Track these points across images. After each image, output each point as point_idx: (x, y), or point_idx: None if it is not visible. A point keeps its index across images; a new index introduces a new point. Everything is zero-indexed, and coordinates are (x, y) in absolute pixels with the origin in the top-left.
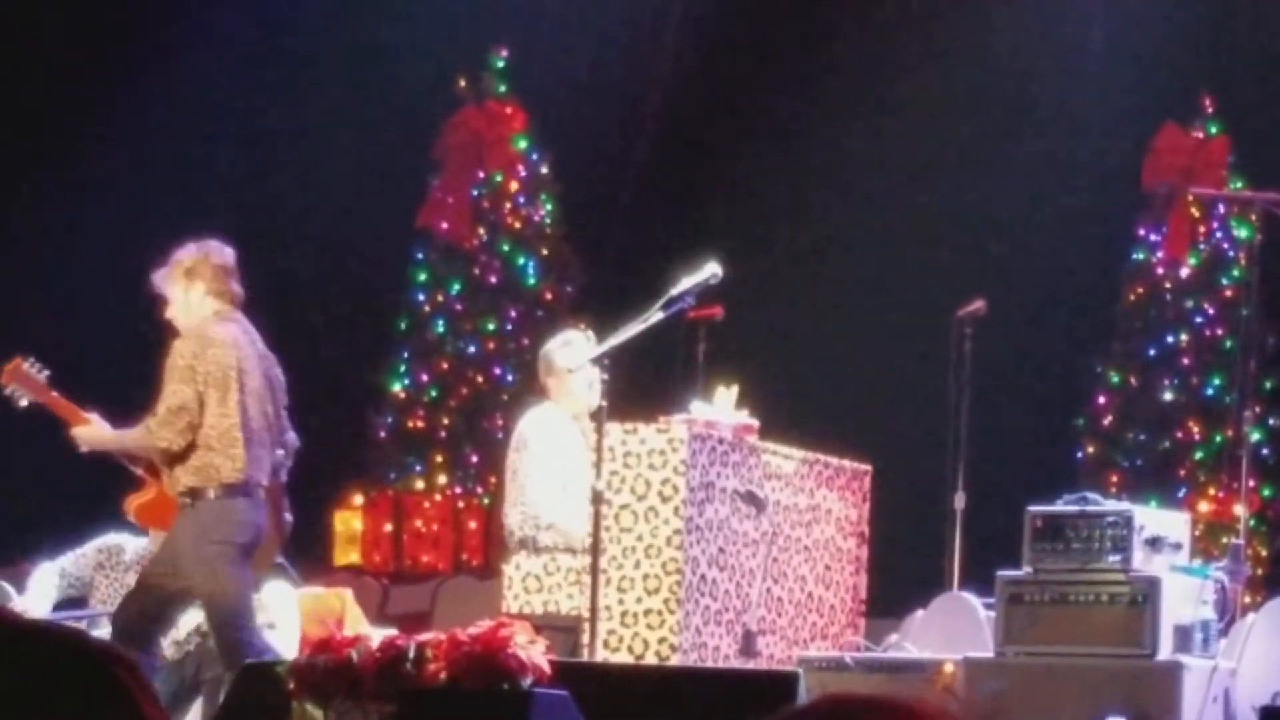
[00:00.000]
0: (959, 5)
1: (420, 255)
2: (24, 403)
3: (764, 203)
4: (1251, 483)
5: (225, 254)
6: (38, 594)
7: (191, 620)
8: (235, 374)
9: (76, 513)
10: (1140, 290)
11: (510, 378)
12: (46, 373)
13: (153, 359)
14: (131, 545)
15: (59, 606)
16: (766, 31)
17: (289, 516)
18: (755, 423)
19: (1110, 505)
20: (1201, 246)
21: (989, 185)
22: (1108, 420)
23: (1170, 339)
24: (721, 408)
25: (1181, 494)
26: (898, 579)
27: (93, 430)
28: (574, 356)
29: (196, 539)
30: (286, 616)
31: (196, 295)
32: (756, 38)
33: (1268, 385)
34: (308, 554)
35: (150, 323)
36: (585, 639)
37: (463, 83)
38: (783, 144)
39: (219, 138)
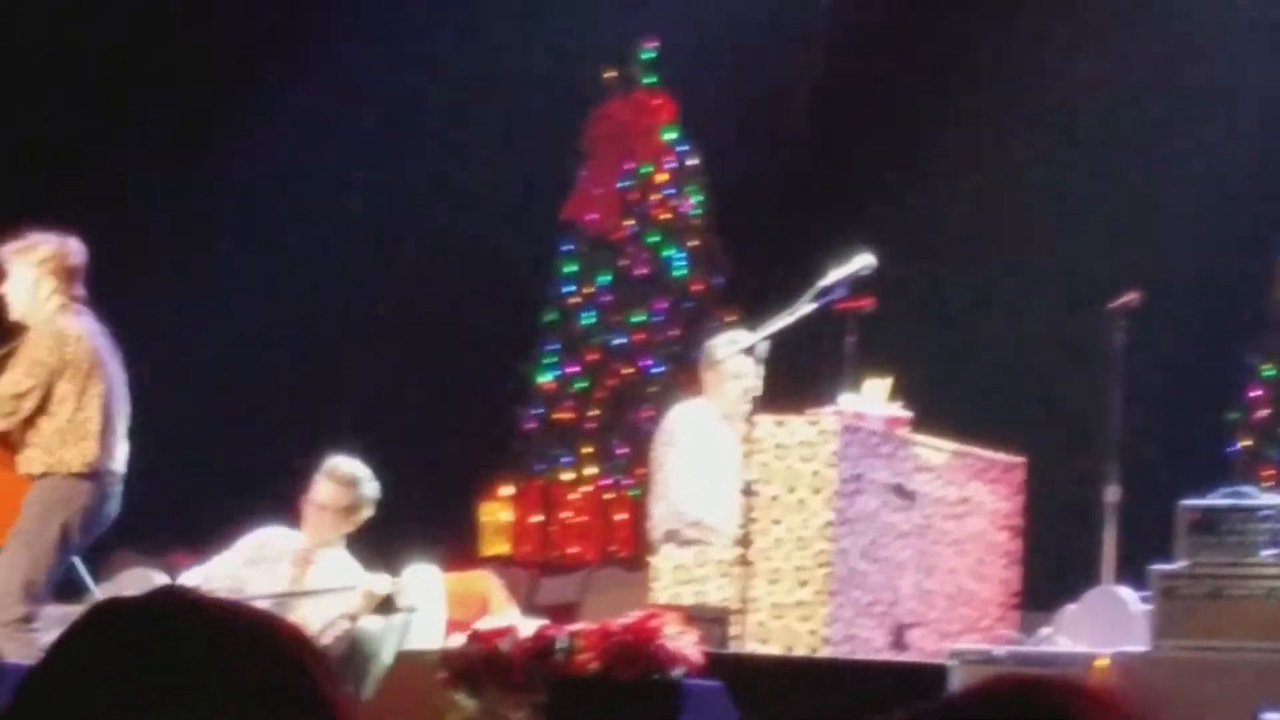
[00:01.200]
0: None
1: (568, 247)
2: None
3: (916, 193)
4: None
5: (82, 256)
6: None
7: (335, 607)
8: (94, 366)
9: (229, 509)
10: None
11: (658, 369)
12: None
13: None
14: (282, 536)
15: None
16: (919, 16)
17: None
18: (907, 415)
19: (1266, 499)
20: None
21: (1143, 175)
22: (1262, 414)
23: None
24: (872, 400)
25: None
26: (1050, 572)
27: None
28: (734, 354)
29: (44, 508)
30: (431, 600)
31: (45, 289)
32: (908, 23)
33: None
34: (456, 545)
35: None
36: (735, 630)
37: (610, 74)
38: (935, 133)
39: (361, 133)
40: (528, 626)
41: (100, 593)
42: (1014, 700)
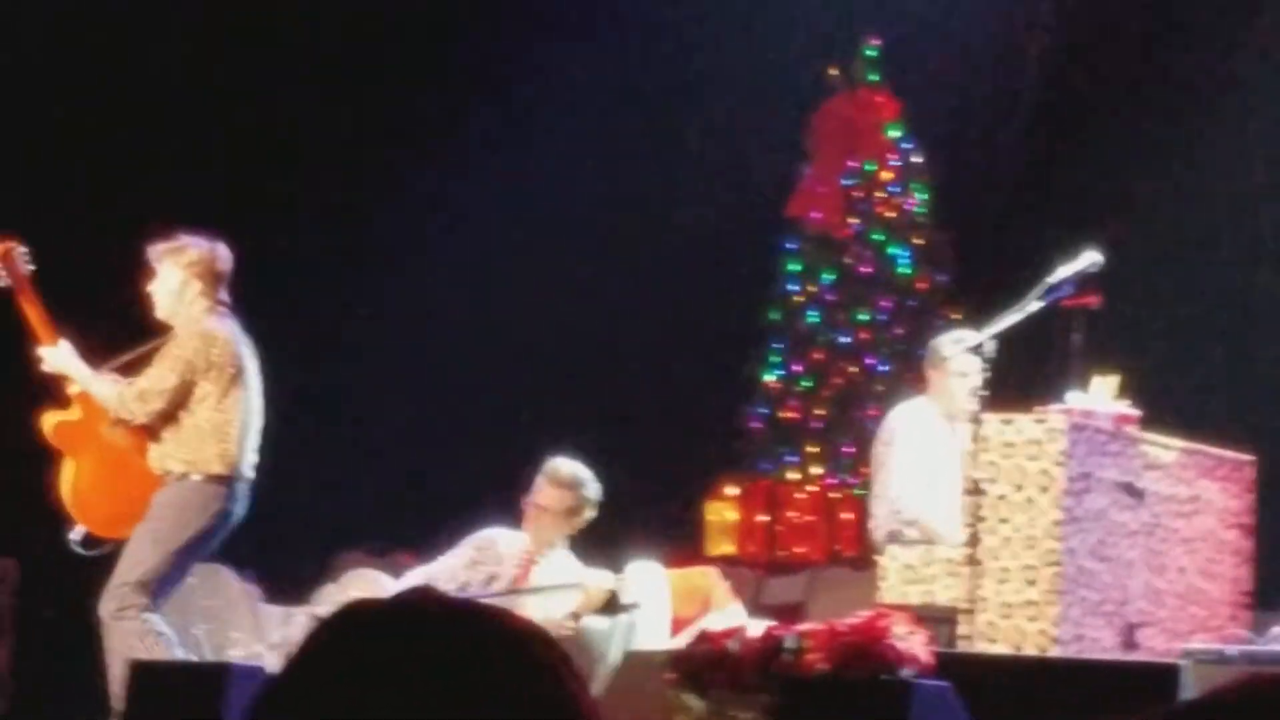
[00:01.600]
0: None
1: (792, 245)
2: (1, 284)
3: (1144, 188)
4: None
5: (229, 261)
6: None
7: (560, 606)
8: (238, 371)
9: (453, 510)
10: None
11: (884, 368)
12: (32, 268)
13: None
14: (505, 538)
15: None
16: (1144, 12)
17: None
18: (1135, 412)
19: None
20: None
21: None
22: None
23: None
24: (1100, 397)
25: None
26: None
27: (62, 354)
28: (960, 352)
29: (179, 509)
30: (655, 596)
31: (191, 291)
32: (1134, 19)
33: None
34: (681, 544)
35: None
36: (963, 630)
37: (834, 71)
38: (1164, 128)
39: (584, 133)
40: (755, 626)
41: (326, 594)
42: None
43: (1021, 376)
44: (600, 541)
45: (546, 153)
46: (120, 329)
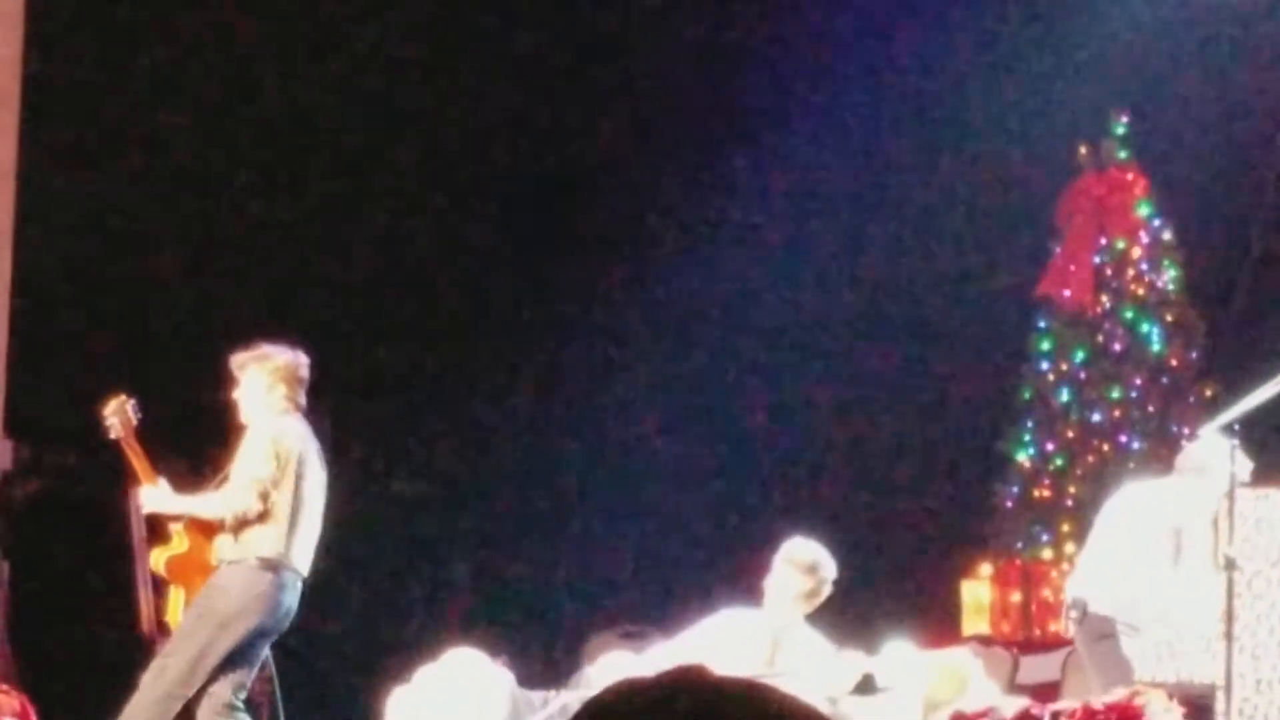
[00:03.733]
0: None
1: (1043, 323)
2: (113, 435)
3: None
4: None
5: (307, 368)
6: (656, 666)
7: (815, 688)
8: (296, 464)
9: (698, 590)
10: None
11: (1137, 445)
12: (138, 418)
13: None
14: (746, 617)
15: None
16: None
17: None
18: None
19: None
20: None
21: None
22: None
23: None
24: None
25: None
26: None
27: (160, 493)
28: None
29: (223, 593)
30: (910, 679)
31: (276, 396)
32: None
33: None
34: (937, 623)
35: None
36: (1219, 707)
37: (1084, 149)
38: None
39: (837, 213)
40: (1010, 706)
41: (583, 677)
42: None
43: (1274, 452)
44: (855, 620)
45: (802, 239)
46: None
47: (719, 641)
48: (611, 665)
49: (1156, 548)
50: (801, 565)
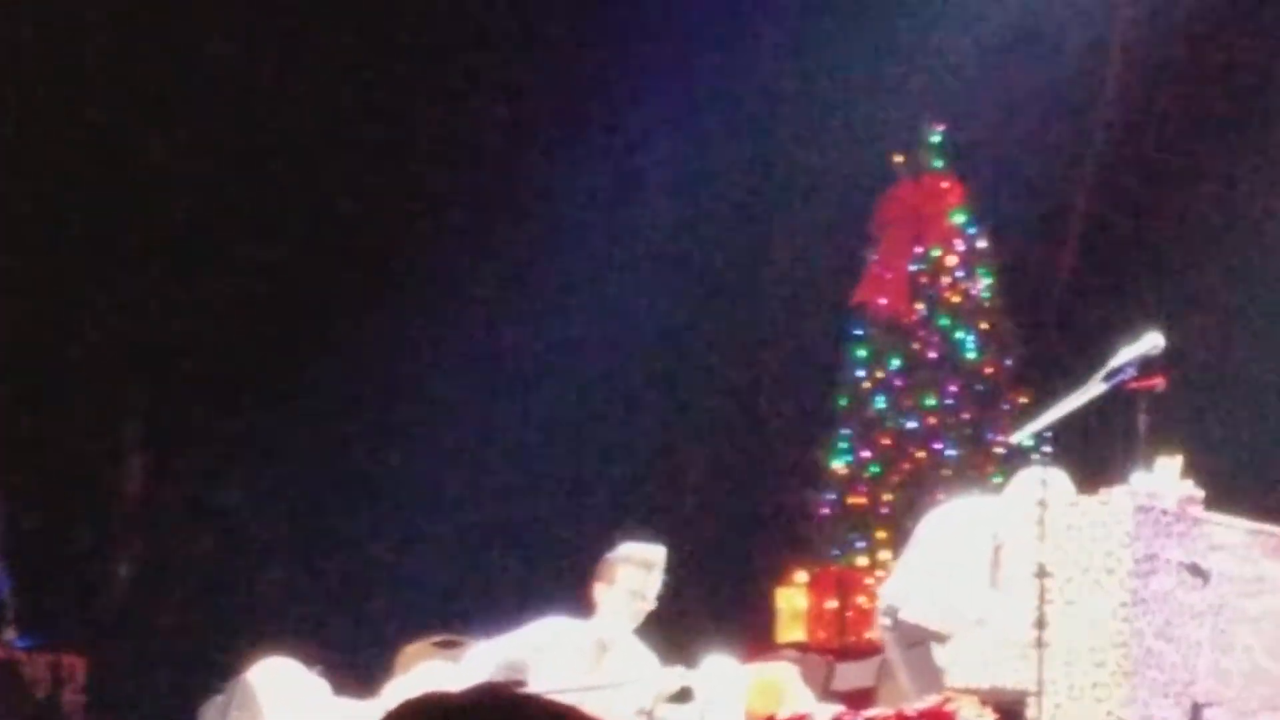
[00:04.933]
0: None
1: (859, 331)
2: None
3: (1204, 269)
4: None
5: None
6: (472, 672)
7: (632, 701)
8: None
9: (517, 599)
10: None
11: (951, 452)
12: None
13: None
14: (569, 626)
15: None
16: (1200, 95)
17: None
18: (1200, 493)
19: None
20: None
21: None
22: None
23: None
24: (1164, 478)
25: None
26: None
27: None
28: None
29: None
30: (729, 692)
31: None
32: (1191, 102)
33: None
34: (752, 630)
35: None
36: (1031, 713)
37: (899, 158)
38: (1223, 206)
39: (649, 225)
40: (823, 713)
41: (396, 687)
42: None
43: (1087, 459)
44: (671, 630)
45: (618, 246)
46: None
47: (541, 649)
48: (424, 674)
49: (974, 560)
50: (641, 562)
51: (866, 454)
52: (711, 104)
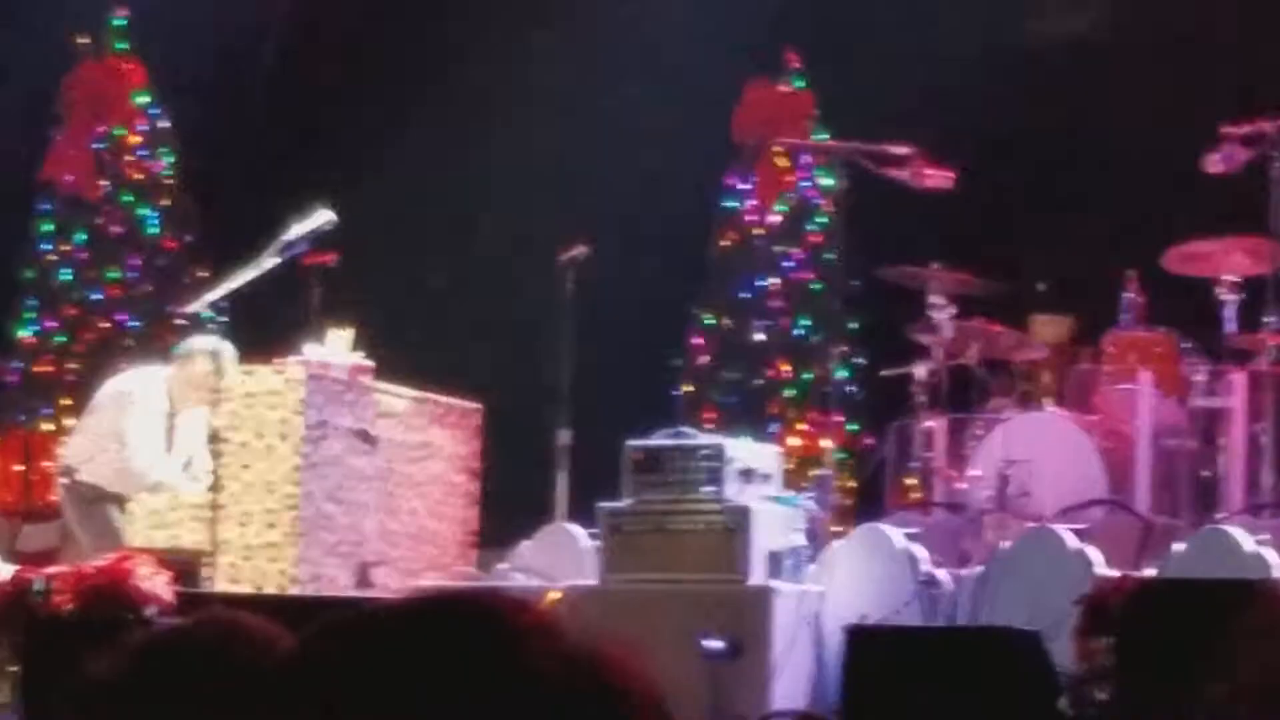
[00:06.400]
0: None
1: (46, 206)
2: None
3: (375, 149)
4: (838, 418)
5: None
6: None
7: None
8: None
9: None
10: (732, 237)
11: (134, 324)
12: None
13: None
14: None
15: None
16: None
17: None
18: (369, 364)
19: (704, 439)
20: (789, 195)
21: (590, 134)
22: (703, 360)
23: (760, 283)
24: (336, 349)
25: (773, 429)
26: (506, 512)
27: None
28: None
29: None
30: None
31: None
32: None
33: (852, 326)
34: None
35: None
36: (207, 572)
37: (83, 40)
38: (395, 90)
39: None
40: (5, 571)
41: None
42: (436, 610)
43: (262, 330)
44: None
45: None
46: None
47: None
48: None
49: (151, 425)
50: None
51: (52, 324)
52: None
